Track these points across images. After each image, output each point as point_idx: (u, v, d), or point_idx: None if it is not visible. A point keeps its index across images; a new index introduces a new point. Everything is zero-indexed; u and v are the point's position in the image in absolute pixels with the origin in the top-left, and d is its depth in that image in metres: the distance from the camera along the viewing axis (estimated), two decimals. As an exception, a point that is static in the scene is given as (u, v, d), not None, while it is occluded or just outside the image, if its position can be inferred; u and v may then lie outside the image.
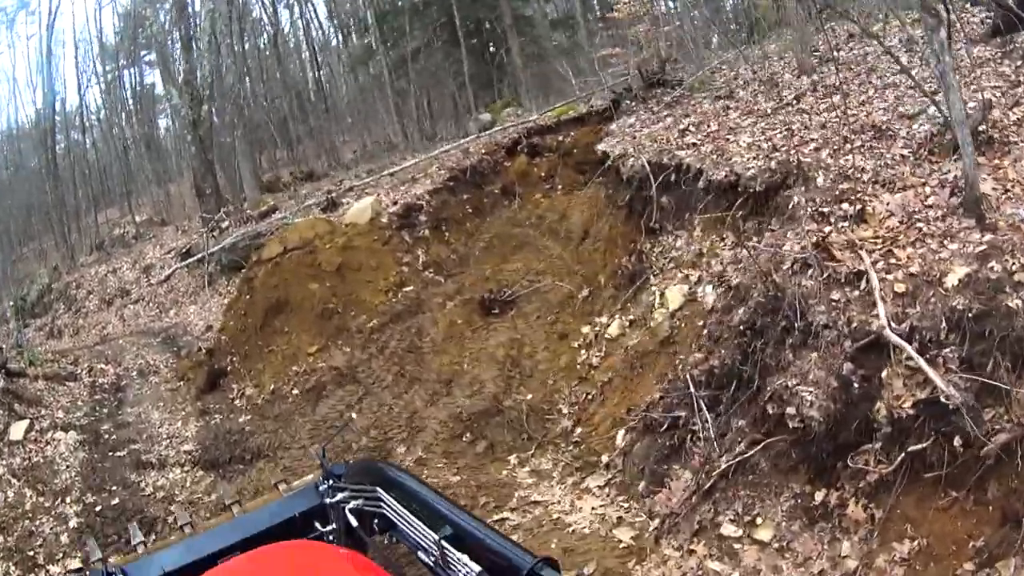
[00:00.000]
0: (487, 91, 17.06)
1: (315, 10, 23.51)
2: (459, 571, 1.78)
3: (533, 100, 13.91)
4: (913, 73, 5.61)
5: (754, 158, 5.90)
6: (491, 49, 18.01)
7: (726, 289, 5.24)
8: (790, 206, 5.09)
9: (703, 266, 5.95)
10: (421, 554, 2.00)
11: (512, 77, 16.90)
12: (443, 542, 1.84)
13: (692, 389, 4.74)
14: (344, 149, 20.81)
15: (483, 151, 9.96)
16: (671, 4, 13.32)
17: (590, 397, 6.11)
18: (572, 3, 18.91)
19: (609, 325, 6.62)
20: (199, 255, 13.03)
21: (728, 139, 6.56)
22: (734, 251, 5.54)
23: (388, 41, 18.80)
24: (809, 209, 4.83)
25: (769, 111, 6.89)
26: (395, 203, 9.25)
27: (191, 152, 15.10)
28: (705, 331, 5.19)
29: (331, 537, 2.69)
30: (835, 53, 7.10)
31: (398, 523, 2.17)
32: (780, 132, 6.24)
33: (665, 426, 4.86)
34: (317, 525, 2.77)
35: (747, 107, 7.32)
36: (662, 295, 6.12)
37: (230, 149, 17.55)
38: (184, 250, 14.24)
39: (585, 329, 6.88)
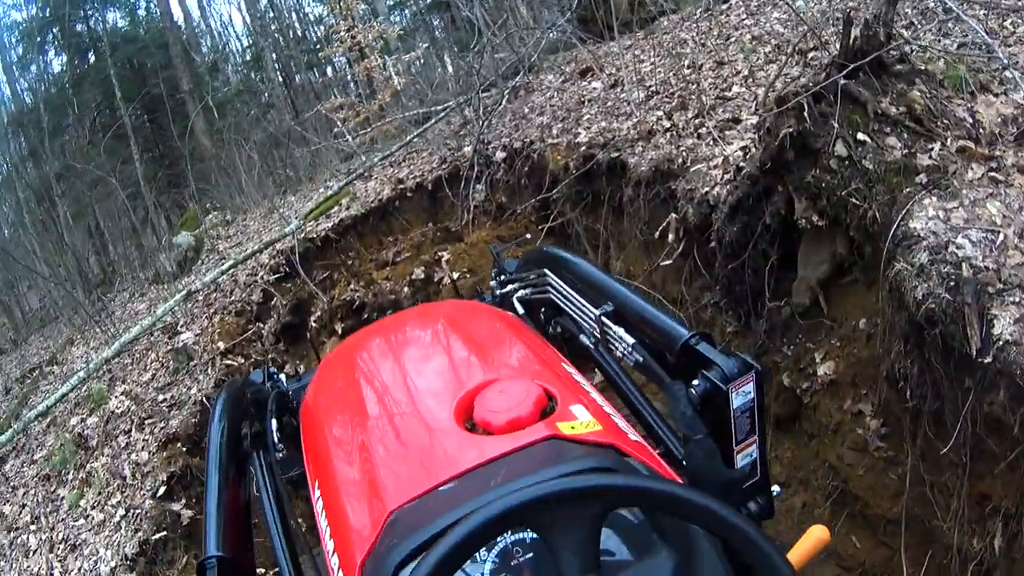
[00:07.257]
0: (173, 193, 11.65)
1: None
2: (616, 347, 1.72)
3: (242, 196, 9.03)
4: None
5: None
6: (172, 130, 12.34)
7: None
8: None
9: None
10: (583, 337, 1.92)
11: (202, 167, 11.36)
12: (603, 318, 1.75)
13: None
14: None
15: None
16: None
17: None
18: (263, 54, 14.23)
19: None
20: None
21: None
22: None
23: (35, 151, 12.11)
24: None
25: None
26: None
27: None
28: None
29: None
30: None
31: (562, 305, 2.04)
32: None
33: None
34: None
35: None
36: None
37: None
38: None
39: None
